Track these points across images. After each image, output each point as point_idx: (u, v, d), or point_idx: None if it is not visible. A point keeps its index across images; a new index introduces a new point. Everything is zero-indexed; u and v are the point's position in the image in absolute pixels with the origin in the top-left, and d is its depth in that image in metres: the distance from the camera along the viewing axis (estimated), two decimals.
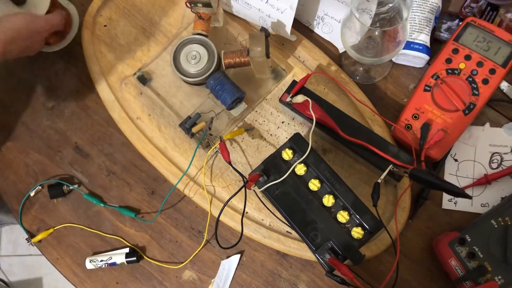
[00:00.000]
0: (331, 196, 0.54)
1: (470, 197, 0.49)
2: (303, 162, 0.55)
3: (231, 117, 0.66)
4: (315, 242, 0.53)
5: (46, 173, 0.71)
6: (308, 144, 0.55)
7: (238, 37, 0.69)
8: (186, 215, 0.68)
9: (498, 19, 0.65)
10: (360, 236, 0.53)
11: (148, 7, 0.73)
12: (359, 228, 0.53)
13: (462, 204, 0.63)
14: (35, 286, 1.50)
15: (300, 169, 0.55)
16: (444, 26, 0.67)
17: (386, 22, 0.60)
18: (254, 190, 0.63)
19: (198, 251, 0.66)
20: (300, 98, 0.59)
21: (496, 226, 0.58)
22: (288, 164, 0.56)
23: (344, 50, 0.68)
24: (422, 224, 0.64)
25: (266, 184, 0.55)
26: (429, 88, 0.63)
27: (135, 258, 0.66)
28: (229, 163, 0.60)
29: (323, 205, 0.54)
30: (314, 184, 0.54)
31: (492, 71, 0.61)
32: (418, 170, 0.53)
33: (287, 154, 0.56)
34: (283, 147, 0.56)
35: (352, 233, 0.53)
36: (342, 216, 0.53)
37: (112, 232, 0.68)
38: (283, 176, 0.54)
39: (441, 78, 0.62)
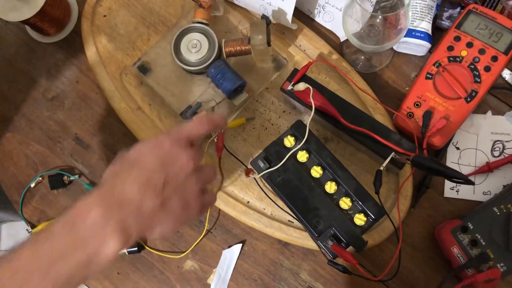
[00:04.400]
0: (334, 183, 0.54)
1: (472, 183, 0.49)
2: (305, 149, 0.55)
3: (232, 106, 0.66)
4: (317, 229, 0.52)
5: (46, 164, 0.71)
6: (309, 131, 0.55)
7: (239, 25, 0.69)
8: None
9: (500, 6, 0.65)
10: (363, 223, 0.53)
11: None
12: (362, 214, 0.53)
13: (464, 192, 0.63)
14: None
15: (302, 156, 0.54)
16: (446, 14, 0.67)
17: (388, 9, 0.60)
18: (255, 179, 0.62)
19: (199, 241, 0.66)
20: (301, 86, 0.59)
21: (498, 213, 0.58)
22: (290, 151, 0.55)
23: (345, 38, 0.68)
24: (424, 212, 0.63)
25: (266, 170, 0.55)
26: (431, 76, 0.62)
27: (136, 248, 0.65)
28: (219, 157, 0.60)
29: (325, 192, 0.54)
30: (316, 171, 0.54)
31: (494, 58, 0.61)
32: (420, 157, 0.52)
33: (289, 141, 0.55)
34: (285, 134, 0.56)
35: (355, 219, 0.53)
36: (345, 203, 0.53)
37: None
38: (284, 163, 0.54)
39: (443, 66, 0.62)
